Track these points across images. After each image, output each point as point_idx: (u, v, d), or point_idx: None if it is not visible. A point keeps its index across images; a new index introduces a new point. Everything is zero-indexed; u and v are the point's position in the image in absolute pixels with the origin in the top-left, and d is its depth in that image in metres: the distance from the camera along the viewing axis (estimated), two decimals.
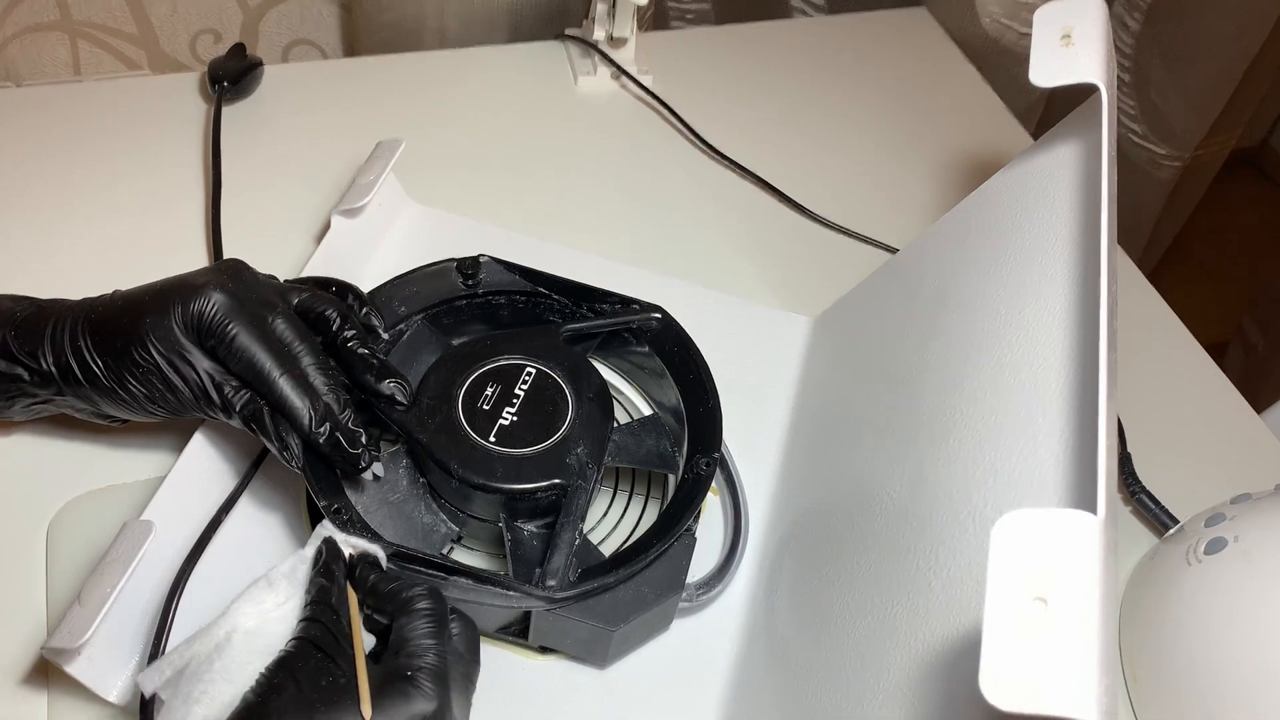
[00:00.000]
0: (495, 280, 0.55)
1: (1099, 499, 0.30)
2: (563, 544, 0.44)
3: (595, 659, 0.48)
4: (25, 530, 0.50)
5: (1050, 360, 0.39)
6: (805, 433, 0.56)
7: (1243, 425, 0.64)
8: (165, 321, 0.44)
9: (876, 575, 0.42)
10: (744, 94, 0.81)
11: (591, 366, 0.51)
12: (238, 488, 0.49)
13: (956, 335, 0.47)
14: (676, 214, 0.71)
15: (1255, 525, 0.47)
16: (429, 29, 0.81)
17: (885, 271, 0.58)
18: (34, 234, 0.62)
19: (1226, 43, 0.96)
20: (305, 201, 0.66)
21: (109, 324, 0.45)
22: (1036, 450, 0.38)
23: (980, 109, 0.83)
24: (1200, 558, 0.47)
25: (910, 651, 0.38)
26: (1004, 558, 0.27)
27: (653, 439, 0.51)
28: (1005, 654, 0.26)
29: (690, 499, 0.47)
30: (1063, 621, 0.26)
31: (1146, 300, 0.71)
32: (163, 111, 0.71)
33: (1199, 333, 0.68)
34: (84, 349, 0.45)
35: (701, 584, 0.49)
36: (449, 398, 0.48)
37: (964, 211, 0.51)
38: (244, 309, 0.44)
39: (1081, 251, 0.41)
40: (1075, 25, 0.42)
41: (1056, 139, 0.46)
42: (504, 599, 0.43)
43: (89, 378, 0.45)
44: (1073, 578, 0.27)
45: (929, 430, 0.45)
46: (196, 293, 0.44)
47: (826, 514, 0.49)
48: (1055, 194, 0.44)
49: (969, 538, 0.38)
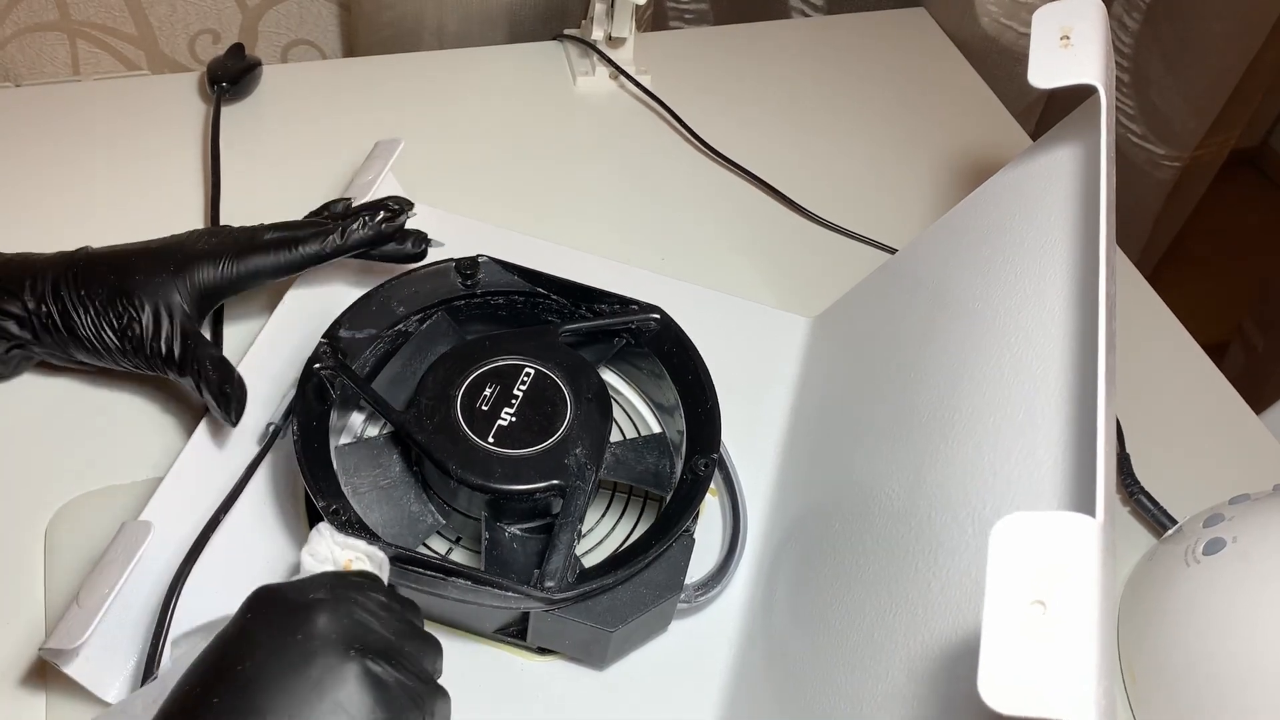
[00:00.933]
0: (494, 280, 0.55)
1: (1098, 501, 0.30)
2: (561, 545, 0.44)
3: (593, 660, 0.48)
4: (24, 530, 0.49)
5: (1049, 362, 0.39)
6: (804, 434, 0.56)
7: (1242, 426, 0.64)
8: (158, 279, 0.49)
9: (875, 577, 0.42)
10: (742, 94, 0.81)
11: (590, 367, 0.51)
12: (236, 488, 0.49)
13: (955, 336, 0.46)
14: (675, 213, 0.71)
15: (1254, 526, 0.47)
16: (428, 29, 0.81)
17: (883, 272, 0.58)
18: (33, 234, 0.62)
19: (1226, 43, 0.96)
20: (305, 201, 0.66)
21: (95, 275, 0.49)
22: (1035, 452, 0.37)
23: (979, 109, 0.83)
24: (1199, 558, 0.47)
25: (908, 654, 0.38)
26: (1003, 560, 0.27)
27: (653, 458, 0.51)
28: (1004, 657, 0.26)
29: (689, 500, 0.47)
30: (1061, 625, 0.26)
31: (1146, 301, 0.71)
32: (162, 111, 0.71)
33: (1199, 333, 0.68)
34: (66, 298, 0.48)
35: (700, 585, 0.49)
36: (447, 398, 0.48)
37: (962, 213, 0.51)
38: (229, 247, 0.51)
39: (1080, 253, 0.41)
40: (1074, 26, 0.42)
41: (1055, 141, 0.46)
42: (502, 600, 0.43)
43: (68, 325, 0.48)
44: (1072, 581, 0.27)
45: (927, 431, 0.44)
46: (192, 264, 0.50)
47: (825, 515, 0.49)
48: (1054, 196, 0.44)
49: (968, 539, 0.38)
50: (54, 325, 0.49)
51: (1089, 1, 0.43)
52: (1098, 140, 0.41)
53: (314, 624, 0.35)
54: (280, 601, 0.36)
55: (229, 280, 0.50)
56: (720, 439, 0.50)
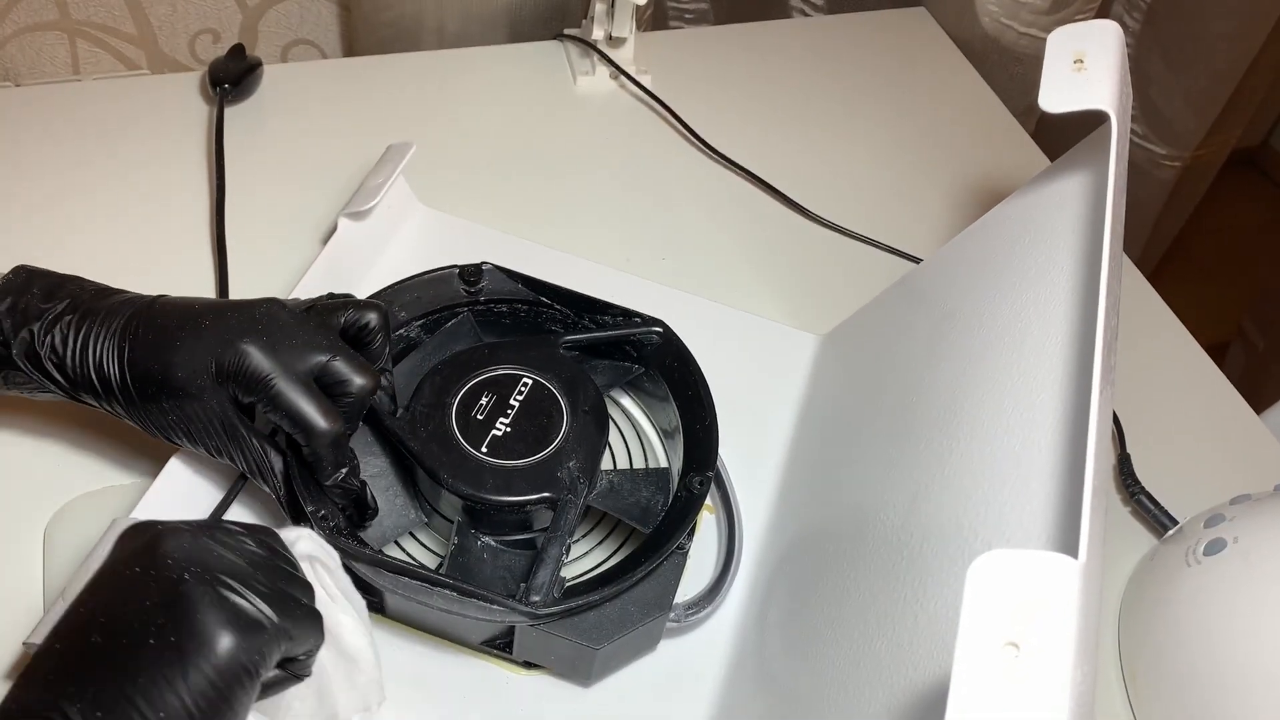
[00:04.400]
0: (497, 288, 0.55)
1: (1081, 542, 0.29)
2: (549, 559, 0.43)
3: (579, 677, 0.47)
4: (23, 531, 0.49)
5: (1046, 393, 0.39)
6: (806, 454, 0.55)
7: (1242, 426, 0.64)
8: (198, 378, 0.42)
9: (865, 604, 0.41)
10: (743, 94, 0.81)
11: (589, 379, 0.50)
12: (230, 491, 0.48)
13: (959, 362, 0.46)
14: (675, 214, 0.71)
15: (1255, 526, 0.47)
16: (427, 29, 0.81)
17: (894, 293, 0.57)
18: (32, 234, 0.62)
19: (1226, 43, 0.96)
20: (306, 201, 0.66)
21: (139, 368, 0.43)
22: (1029, 484, 0.37)
23: (979, 109, 0.83)
24: (1200, 559, 0.47)
25: (891, 688, 0.37)
26: (978, 599, 0.26)
27: (648, 493, 0.49)
28: (973, 699, 0.25)
29: (681, 517, 0.47)
30: (1033, 670, 0.25)
31: (1146, 301, 0.71)
32: (162, 111, 0.71)
33: (1199, 333, 0.68)
34: (113, 378, 0.43)
35: (691, 604, 0.48)
36: (443, 405, 0.47)
37: (972, 236, 0.51)
38: (277, 370, 0.42)
39: (1083, 285, 0.40)
40: (1088, 50, 0.41)
41: (1067, 166, 0.45)
42: (486, 613, 0.42)
43: (110, 398, 0.44)
44: (1047, 624, 0.26)
45: (927, 457, 0.44)
46: (232, 349, 0.42)
47: (822, 537, 0.48)
48: (1061, 223, 0.43)
49: (956, 570, 0.37)
50: (96, 393, 0.44)
51: (1105, 26, 0.42)
52: (1106, 168, 0.40)
53: (154, 553, 0.34)
54: (129, 535, 0.36)
55: None
56: (717, 457, 0.49)
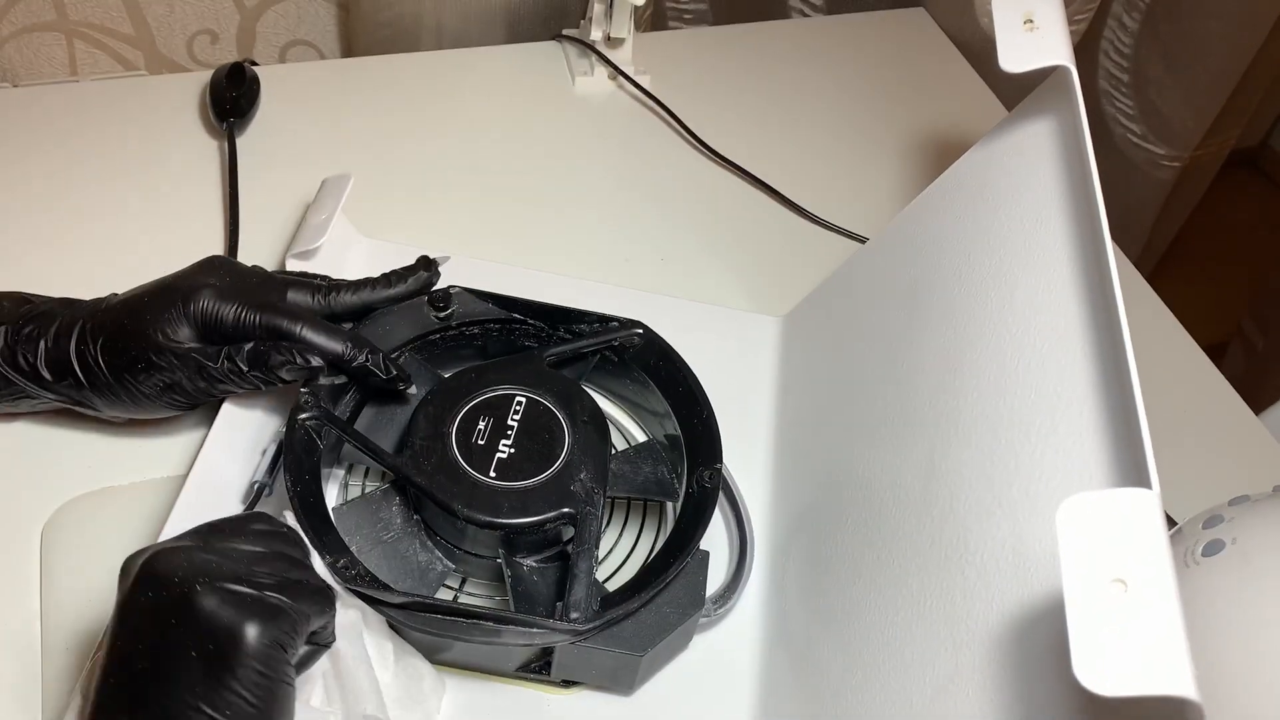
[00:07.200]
0: (469, 311, 0.53)
1: (1150, 474, 0.30)
2: (581, 574, 0.43)
3: (621, 686, 0.46)
4: (20, 533, 0.49)
5: (1055, 338, 0.39)
6: (792, 434, 0.56)
7: (1242, 426, 0.64)
8: (170, 321, 0.46)
9: (902, 571, 0.42)
10: (742, 94, 0.81)
11: (581, 389, 0.50)
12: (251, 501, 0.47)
13: (946, 323, 0.46)
14: (674, 214, 0.71)
15: (1254, 527, 0.47)
16: (426, 29, 0.81)
17: (851, 265, 0.57)
18: (30, 234, 0.62)
19: (1226, 43, 0.96)
20: (305, 202, 0.66)
21: (112, 329, 0.47)
22: (1056, 429, 0.37)
23: (978, 109, 0.83)
24: (1198, 560, 0.47)
25: (955, 642, 0.37)
26: (1075, 542, 0.28)
27: (650, 465, 0.50)
28: (1095, 640, 0.26)
29: (700, 512, 0.47)
30: (1145, 602, 0.27)
31: (1146, 301, 0.70)
32: (160, 112, 0.71)
33: (1198, 333, 0.68)
34: (87, 354, 0.47)
35: (717, 598, 0.48)
36: (441, 436, 0.46)
37: (934, 196, 0.51)
38: (245, 293, 0.47)
39: (1075, 229, 0.41)
40: (1035, 9, 0.43)
41: (1022, 119, 0.46)
42: (527, 637, 0.42)
43: (90, 380, 0.47)
44: (1146, 557, 0.27)
45: (934, 419, 0.44)
46: (197, 293, 0.47)
47: (829, 514, 0.49)
48: (1033, 174, 0.44)
49: (998, 522, 0.38)
50: (76, 381, 0.47)
51: None
52: (1072, 118, 0.42)
53: (157, 576, 0.35)
54: (125, 571, 0.37)
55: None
56: (721, 448, 0.49)
